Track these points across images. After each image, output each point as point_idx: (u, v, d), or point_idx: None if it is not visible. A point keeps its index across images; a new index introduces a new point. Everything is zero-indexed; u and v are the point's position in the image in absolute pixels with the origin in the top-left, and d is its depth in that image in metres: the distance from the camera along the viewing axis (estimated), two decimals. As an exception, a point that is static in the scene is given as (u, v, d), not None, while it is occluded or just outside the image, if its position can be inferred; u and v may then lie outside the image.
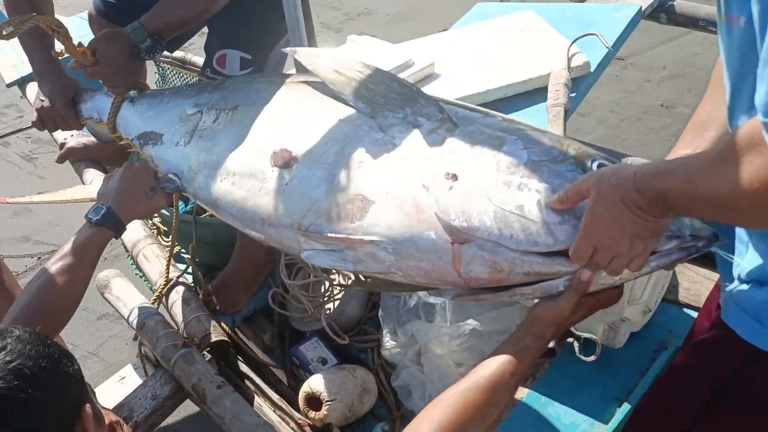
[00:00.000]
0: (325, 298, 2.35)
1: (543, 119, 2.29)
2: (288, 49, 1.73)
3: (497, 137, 1.30)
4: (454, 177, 1.25)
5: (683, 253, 1.13)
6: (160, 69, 3.17)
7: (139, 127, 1.95)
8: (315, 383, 2.07)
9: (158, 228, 2.73)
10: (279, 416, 2.07)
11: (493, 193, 1.20)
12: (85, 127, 2.35)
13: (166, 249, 2.37)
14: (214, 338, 2.17)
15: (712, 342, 1.12)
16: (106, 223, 1.69)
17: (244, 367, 2.20)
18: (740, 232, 1.10)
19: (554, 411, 2.08)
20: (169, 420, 3.20)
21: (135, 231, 2.45)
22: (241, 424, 1.82)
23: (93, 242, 1.67)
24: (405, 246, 1.28)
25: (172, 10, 1.90)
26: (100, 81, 1.98)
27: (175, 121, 1.84)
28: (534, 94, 2.50)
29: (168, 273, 2.28)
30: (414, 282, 1.34)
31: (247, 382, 2.15)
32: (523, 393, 2.14)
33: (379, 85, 1.48)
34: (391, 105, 1.44)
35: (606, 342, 2.10)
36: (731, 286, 1.09)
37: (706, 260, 1.54)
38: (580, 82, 2.48)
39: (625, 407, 2.02)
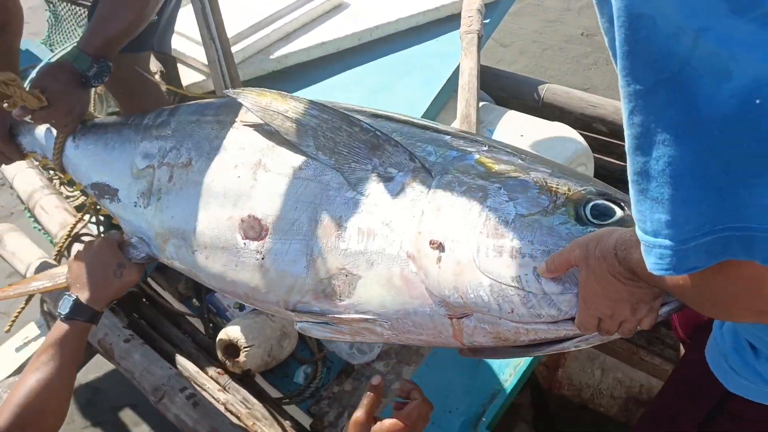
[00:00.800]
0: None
1: (457, 47, 2.23)
2: (229, 91, 1.52)
3: (478, 188, 1.18)
4: (441, 247, 1.15)
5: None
6: (51, 6, 2.93)
7: (90, 175, 1.76)
8: (232, 330, 1.99)
9: (59, 177, 2.56)
10: (197, 366, 2.00)
11: (484, 264, 1.10)
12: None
13: (67, 199, 2.22)
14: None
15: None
16: (77, 316, 1.52)
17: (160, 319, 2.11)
18: None
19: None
20: (90, 377, 3.11)
21: (30, 180, 2.28)
22: (152, 377, 1.74)
23: (68, 339, 1.50)
24: (401, 323, 1.23)
25: (109, 25, 1.65)
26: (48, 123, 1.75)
27: (126, 175, 1.67)
28: (447, 21, 2.42)
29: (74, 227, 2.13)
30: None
31: (162, 334, 2.06)
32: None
33: (338, 132, 1.33)
34: (356, 155, 1.31)
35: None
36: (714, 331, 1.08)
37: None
38: (494, 8, 2.41)
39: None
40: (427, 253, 1.15)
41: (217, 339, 2.02)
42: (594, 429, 2.55)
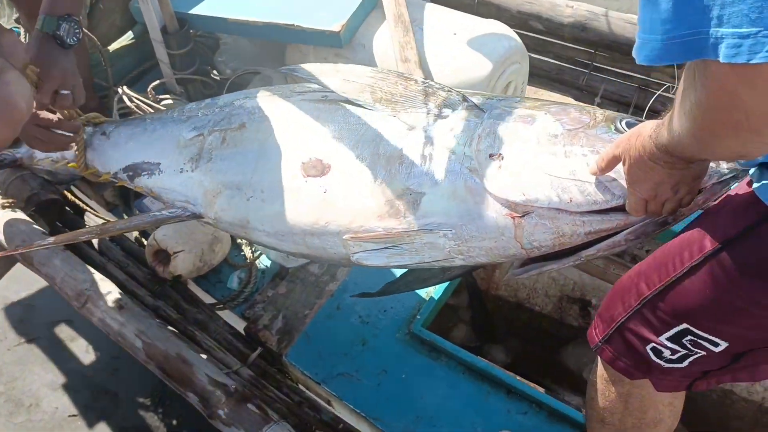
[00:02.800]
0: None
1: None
2: (284, 68, 1.67)
3: (527, 116, 1.33)
4: (500, 157, 1.27)
5: (723, 186, 1.17)
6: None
7: (122, 161, 1.77)
8: (161, 235, 1.93)
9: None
10: (125, 274, 1.94)
11: (542, 164, 1.23)
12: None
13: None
14: (42, 198, 1.96)
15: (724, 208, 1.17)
16: None
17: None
18: None
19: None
20: (22, 294, 3.03)
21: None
22: (74, 282, 1.68)
23: None
24: (466, 229, 1.29)
25: None
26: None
27: (171, 148, 1.70)
28: None
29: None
30: (473, 262, 1.34)
31: (87, 242, 1.99)
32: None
33: (395, 86, 1.47)
34: (412, 103, 1.43)
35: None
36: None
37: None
38: None
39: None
40: (488, 164, 1.28)
41: (146, 245, 1.96)
42: (529, 326, 2.62)
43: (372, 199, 1.37)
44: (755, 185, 1.07)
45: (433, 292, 1.95)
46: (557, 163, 1.22)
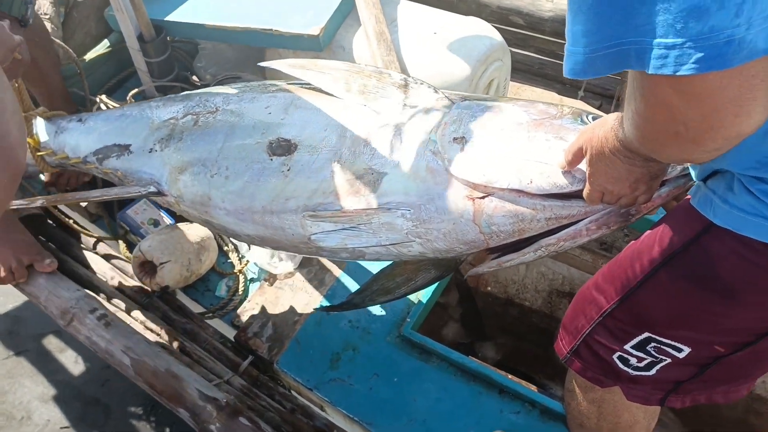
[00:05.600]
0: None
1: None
2: (263, 63, 1.74)
3: (495, 107, 1.34)
4: (463, 140, 1.29)
5: (688, 179, 1.17)
6: None
7: (94, 145, 1.78)
8: (146, 246, 1.92)
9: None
10: (112, 287, 1.93)
11: (505, 147, 1.24)
12: None
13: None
14: (23, 213, 1.94)
15: (669, 220, 1.16)
16: None
17: (69, 241, 2.01)
18: None
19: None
20: (9, 306, 3.00)
21: None
22: (59, 300, 1.66)
23: None
24: (425, 209, 1.29)
25: None
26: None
27: (143, 130, 1.72)
28: None
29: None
30: (431, 247, 1.32)
31: (71, 256, 1.97)
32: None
33: (368, 78, 1.49)
34: (384, 93, 1.45)
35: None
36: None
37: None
38: None
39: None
40: (451, 147, 1.28)
41: (132, 256, 1.94)
42: (520, 322, 2.62)
43: (333, 177, 1.38)
44: (693, 200, 1.07)
45: (422, 294, 1.95)
46: (520, 146, 1.23)
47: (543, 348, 2.58)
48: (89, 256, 2.02)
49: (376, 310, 1.94)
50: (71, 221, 2.13)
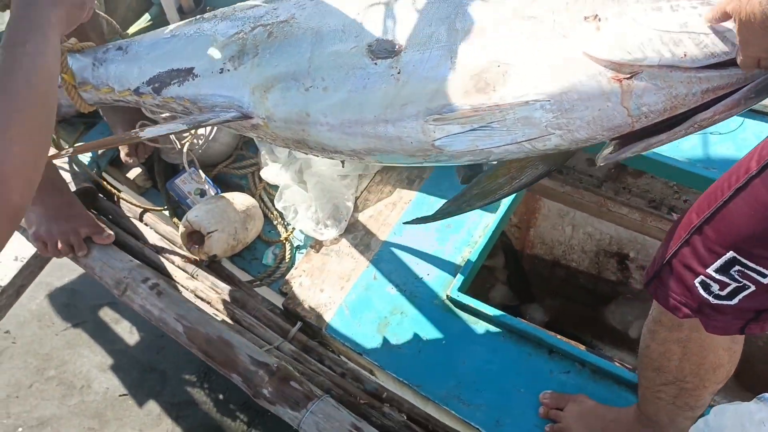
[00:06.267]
0: (192, 130, 2.17)
1: None
2: None
3: None
4: (596, 18, 1.16)
5: None
6: None
7: (144, 72, 1.59)
8: (193, 216, 1.94)
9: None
10: (162, 257, 1.97)
11: (647, 20, 1.11)
12: None
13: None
14: (75, 186, 1.99)
15: None
16: None
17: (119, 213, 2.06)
18: None
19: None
20: (65, 279, 3.09)
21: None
22: (113, 270, 1.71)
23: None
24: (566, 98, 1.17)
25: None
26: None
27: (204, 50, 1.53)
28: None
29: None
30: (571, 138, 1.21)
31: (122, 228, 2.01)
32: (412, 195, 2.11)
33: None
34: None
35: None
36: None
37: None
38: None
39: (511, 193, 2.02)
40: (584, 28, 1.16)
41: (180, 227, 1.97)
42: (567, 283, 2.60)
43: (454, 76, 1.24)
44: None
45: (469, 254, 1.94)
46: (665, 17, 1.11)
47: (591, 308, 2.56)
48: (140, 227, 2.06)
49: (423, 273, 1.94)
50: (121, 194, 2.17)
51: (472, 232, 1.99)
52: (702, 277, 1.21)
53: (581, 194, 2.24)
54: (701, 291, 1.23)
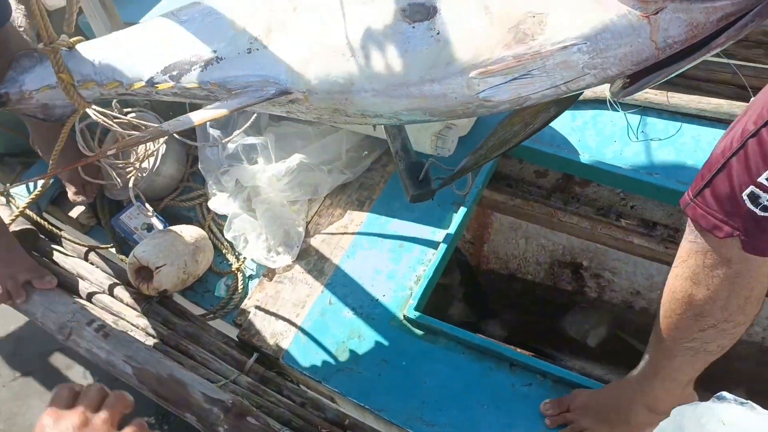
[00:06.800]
0: (136, 164, 2.12)
1: None
2: None
3: None
4: None
5: None
6: None
7: (159, 61, 1.52)
8: (140, 252, 1.89)
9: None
10: (110, 295, 1.90)
11: None
12: None
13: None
14: (14, 228, 1.92)
15: None
16: None
17: (62, 254, 1.99)
18: None
19: (395, 227, 2.05)
20: (11, 327, 2.98)
21: None
22: (55, 315, 1.64)
23: None
24: (601, 38, 1.24)
25: None
26: None
27: (226, 32, 1.48)
28: None
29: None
30: (603, 76, 1.27)
31: (66, 268, 1.95)
32: (362, 216, 2.09)
33: None
34: None
35: (437, 152, 2.06)
36: None
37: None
38: None
39: (462, 210, 2.02)
40: None
41: (127, 264, 1.92)
42: (524, 296, 2.61)
43: (493, 30, 1.29)
44: None
45: (423, 273, 1.92)
46: None
47: (549, 319, 2.57)
48: (84, 266, 2.00)
49: (378, 294, 1.92)
50: (63, 233, 2.10)
51: (425, 251, 1.98)
52: (752, 187, 1.19)
53: (531, 206, 2.25)
54: (749, 204, 1.20)
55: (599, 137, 2.23)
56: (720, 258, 1.31)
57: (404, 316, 1.85)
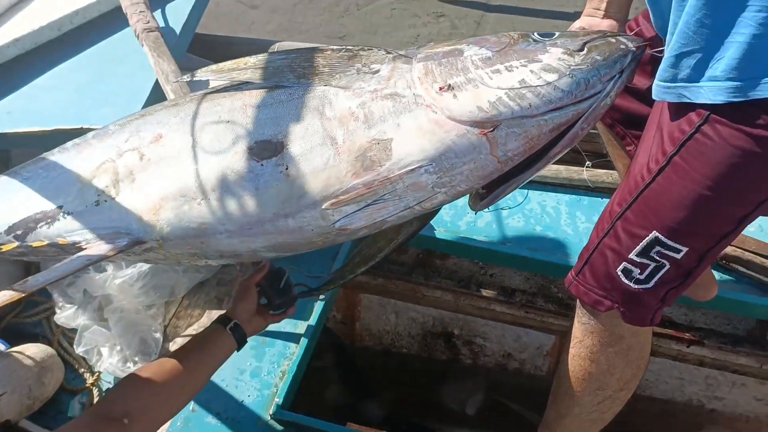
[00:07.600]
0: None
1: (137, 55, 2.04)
2: (181, 78, 1.55)
3: (453, 50, 1.37)
4: (449, 87, 1.31)
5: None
6: None
7: (8, 218, 1.49)
8: (-24, 383, 1.75)
9: None
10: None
11: (492, 82, 1.30)
12: None
13: None
14: None
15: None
16: (236, 333, 1.57)
17: None
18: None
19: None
20: None
21: None
22: None
23: (221, 349, 1.54)
24: (445, 158, 1.30)
25: None
26: None
27: (72, 185, 1.46)
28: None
29: None
30: (454, 193, 1.35)
31: None
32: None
33: (311, 60, 1.42)
34: (337, 69, 1.40)
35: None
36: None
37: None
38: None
39: (320, 303, 2.00)
40: (441, 97, 1.31)
41: (-37, 397, 1.76)
42: (400, 370, 2.61)
43: (340, 160, 1.32)
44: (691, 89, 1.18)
45: (287, 368, 1.88)
46: (504, 77, 1.30)
47: (428, 391, 2.57)
48: None
49: (243, 395, 1.85)
50: None
51: (287, 345, 1.94)
52: (625, 263, 1.31)
53: (395, 284, 2.28)
54: (623, 279, 1.33)
55: (453, 210, 2.30)
56: (612, 336, 1.42)
57: (271, 415, 1.80)
